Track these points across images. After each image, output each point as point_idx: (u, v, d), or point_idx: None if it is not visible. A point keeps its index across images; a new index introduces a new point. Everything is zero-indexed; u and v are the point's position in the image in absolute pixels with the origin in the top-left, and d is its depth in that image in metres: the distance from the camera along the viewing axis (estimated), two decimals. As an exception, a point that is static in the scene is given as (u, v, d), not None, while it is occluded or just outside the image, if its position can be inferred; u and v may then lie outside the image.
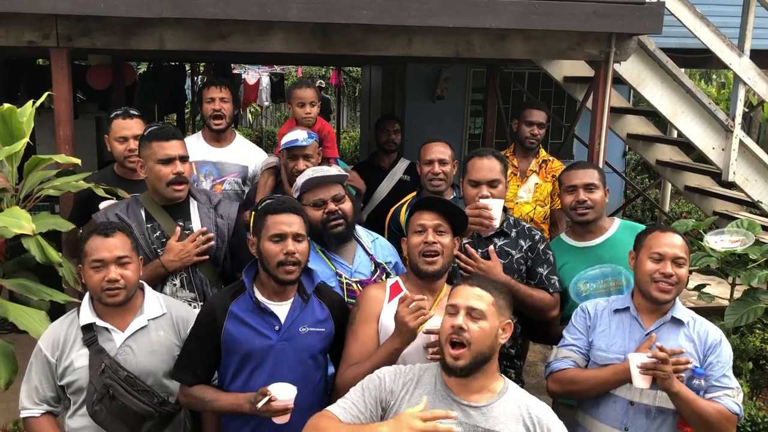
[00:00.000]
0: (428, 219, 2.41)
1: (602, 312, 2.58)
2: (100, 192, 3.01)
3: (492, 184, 2.87)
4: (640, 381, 2.32)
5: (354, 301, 2.63)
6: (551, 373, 2.56)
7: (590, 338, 2.55)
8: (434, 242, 2.37)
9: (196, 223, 2.90)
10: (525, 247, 2.90)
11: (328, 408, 2.05)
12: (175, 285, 2.84)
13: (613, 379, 2.42)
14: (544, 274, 2.88)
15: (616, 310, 2.56)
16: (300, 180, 2.78)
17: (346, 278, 2.69)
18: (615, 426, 2.46)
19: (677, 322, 2.47)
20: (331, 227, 2.68)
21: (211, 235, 2.88)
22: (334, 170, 2.85)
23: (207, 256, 2.87)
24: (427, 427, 1.83)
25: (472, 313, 1.99)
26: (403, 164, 4.73)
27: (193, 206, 2.94)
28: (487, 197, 2.85)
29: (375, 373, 2.09)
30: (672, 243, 2.44)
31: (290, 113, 3.80)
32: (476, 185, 2.88)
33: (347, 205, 2.74)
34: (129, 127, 3.30)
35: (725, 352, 2.41)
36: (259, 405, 2.17)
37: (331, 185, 2.74)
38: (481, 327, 1.98)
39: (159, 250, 2.82)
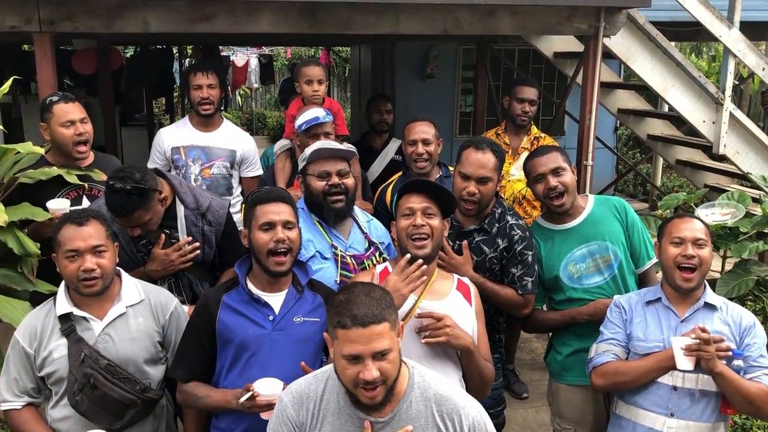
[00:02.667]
0: (416, 202, 2.39)
1: (636, 305, 2.60)
2: (72, 179, 2.94)
3: (482, 181, 2.78)
4: (684, 363, 2.35)
5: (346, 273, 2.64)
6: (594, 367, 2.57)
7: (628, 330, 2.57)
8: (423, 225, 2.36)
9: (182, 232, 2.83)
10: (501, 247, 2.83)
11: None
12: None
13: (657, 366, 2.45)
14: (517, 274, 2.83)
15: (649, 302, 2.58)
16: (308, 150, 2.78)
17: (341, 251, 2.70)
18: (660, 412, 2.47)
19: (710, 307, 2.51)
20: (332, 201, 2.69)
21: (197, 244, 2.83)
22: (342, 145, 2.85)
23: (191, 263, 2.83)
24: None
25: (381, 354, 1.77)
26: (394, 144, 4.70)
27: (180, 212, 2.86)
28: (473, 202, 2.80)
29: (277, 410, 1.95)
30: (691, 227, 2.50)
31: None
32: (466, 179, 2.80)
33: (350, 181, 2.75)
34: (73, 110, 3.13)
35: (760, 334, 2.47)
36: (241, 400, 2.15)
37: (338, 159, 2.75)
38: (390, 360, 1.79)
39: (145, 258, 2.79)
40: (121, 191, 2.57)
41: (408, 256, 2.32)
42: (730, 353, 2.36)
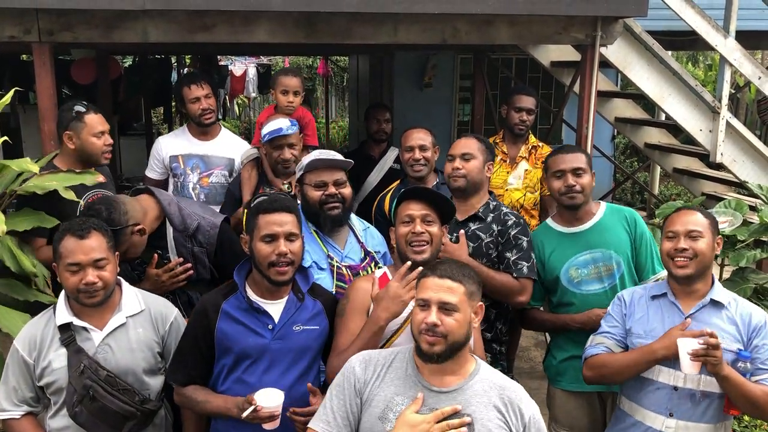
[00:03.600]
0: (416, 209, 2.41)
1: (639, 299, 2.56)
2: (69, 195, 2.92)
3: (465, 157, 2.95)
4: (689, 367, 2.30)
5: (342, 284, 2.65)
6: (585, 359, 2.57)
7: (627, 326, 2.53)
8: (422, 232, 2.38)
9: (172, 252, 2.85)
10: (495, 232, 2.92)
11: (311, 426, 2.02)
12: None
13: (641, 359, 2.41)
14: (512, 259, 2.87)
15: (654, 297, 2.54)
16: (305, 160, 2.82)
17: (337, 261, 2.71)
18: (659, 412, 2.44)
19: (717, 305, 2.44)
20: (328, 209, 2.72)
21: (189, 265, 2.85)
22: (339, 155, 2.88)
23: (184, 282, 2.85)
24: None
25: (446, 307, 1.93)
26: (393, 153, 4.71)
27: (170, 234, 2.87)
28: (460, 177, 2.91)
29: (345, 367, 2.05)
30: (685, 220, 2.46)
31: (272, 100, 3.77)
32: (451, 159, 2.99)
33: (347, 191, 2.78)
34: (102, 122, 3.27)
35: None
36: (244, 414, 2.15)
37: (334, 169, 2.78)
38: (456, 319, 1.93)
39: (141, 276, 2.80)
40: None
41: (409, 263, 2.33)
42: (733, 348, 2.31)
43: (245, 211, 2.50)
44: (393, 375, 2.00)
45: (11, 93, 3.09)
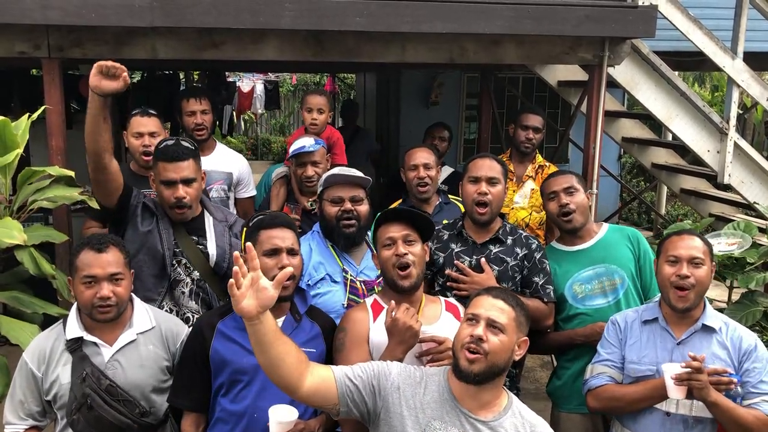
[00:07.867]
0: (396, 231, 2.39)
1: (632, 323, 2.55)
2: (93, 204, 2.96)
3: (491, 181, 2.87)
4: (675, 392, 2.29)
5: (355, 297, 2.64)
6: (589, 390, 2.54)
7: (623, 352, 2.52)
8: (405, 253, 2.35)
9: (210, 241, 2.88)
10: (521, 255, 2.89)
11: (332, 366, 2.08)
12: (183, 293, 2.82)
13: (651, 394, 2.40)
14: (540, 283, 2.87)
15: (645, 321, 2.52)
16: (325, 175, 2.86)
17: (351, 275, 2.71)
18: None
19: (709, 330, 2.43)
20: (343, 226, 2.73)
21: None
22: (359, 173, 2.89)
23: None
24: None
25: (494, 325, 1.96)
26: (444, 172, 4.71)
27: (209, 222, 2.92)
28: (485, 203, 2.83)
29: (382, 365, 2.08)
30: (687, 245, 2.43)
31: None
32: (476, 181, 2.88)
33: (363, 208, 2.78)
34: (145, 124, 3.40)
35: (762, 357, 2.38)
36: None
37: (352, 186, 2.79)
38: (501, 340, 1.96)
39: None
40: None
41: (393, 303, 2.31)
42: (732, 387, 2.29)
43: (245, 229, 2.49)
44: (429, 398, 2.00)
45: (38, 112, 3.11)
